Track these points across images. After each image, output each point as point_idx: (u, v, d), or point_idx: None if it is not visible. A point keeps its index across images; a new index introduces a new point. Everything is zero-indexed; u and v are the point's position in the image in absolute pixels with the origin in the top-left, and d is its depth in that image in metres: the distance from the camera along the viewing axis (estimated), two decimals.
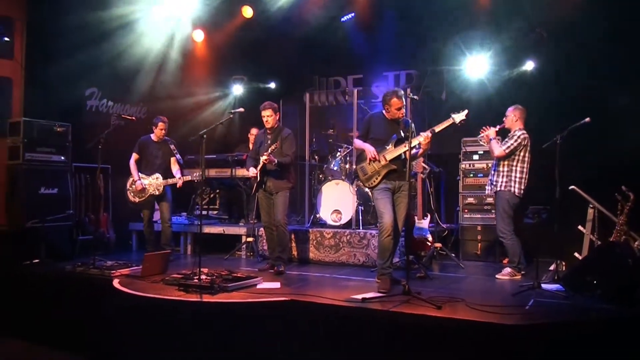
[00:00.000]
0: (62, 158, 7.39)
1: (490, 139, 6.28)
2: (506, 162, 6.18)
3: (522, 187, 6.11)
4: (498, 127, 6.32)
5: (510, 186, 6.11)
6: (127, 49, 8.34)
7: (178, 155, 7.37)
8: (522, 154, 6.15)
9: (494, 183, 6.27)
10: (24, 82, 7.44)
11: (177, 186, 7.19)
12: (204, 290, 5.12)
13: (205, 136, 5.59)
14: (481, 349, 3.95)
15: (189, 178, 7.18)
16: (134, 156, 7.30)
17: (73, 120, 7.71)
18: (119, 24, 8.07)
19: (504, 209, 6.12)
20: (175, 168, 7.35)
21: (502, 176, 6.19)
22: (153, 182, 7.16)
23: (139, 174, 7.22)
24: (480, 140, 6.73)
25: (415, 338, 4.20)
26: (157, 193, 7.16)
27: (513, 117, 6.27)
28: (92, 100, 8.36)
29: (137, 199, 7.24)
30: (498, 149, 6.16)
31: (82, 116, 8.17)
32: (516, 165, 6.14)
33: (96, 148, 6.48)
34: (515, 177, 6.12)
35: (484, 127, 6.38)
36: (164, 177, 7.18)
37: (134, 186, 7.22)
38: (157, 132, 7.29)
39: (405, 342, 4.21)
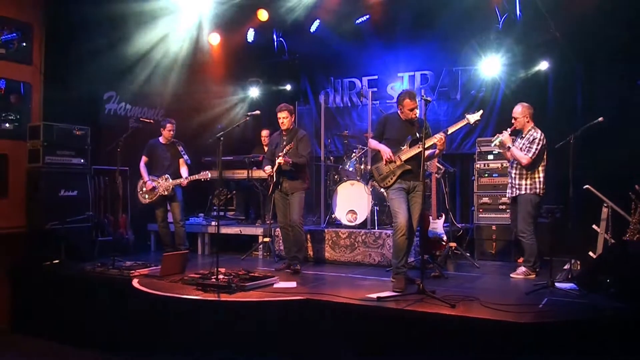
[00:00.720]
0: (82, 161, 7.53)
1: (509, 147, 6.20)
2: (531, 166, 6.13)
3: (544, 186, 6.10)
4: (509, 129, 6.29)
5: (536, 188, 6.07)
6: (145, 53, 8.47)
7: (186, 156, 7.52)
8: (545, 156, 6.14)
9: (517, 186, 6.20)
10: (43, 87, 7.57)
11: (182, 185, 7.31)
12: (222, 289, 5.20)
13: (222, 138, 5.68)
14: (495, 347, 4.00)
15: (195, 177, 7.29)
16: (144, 159, 7.51)
17: (92, 123, 7.85)
18: (136, 28, 8.21)
19: (528, 211, 6.07)
20: (183, 169, 7.49)
21: (526, 179, 6.12)
22: (162, 183, 7.30)
23: (149, 175, 7.38)
24: (495, 147, 6.69)
25: (430, 336, 4.26)
26: (166, 193, 7.31)
27: (523, 118, 6.22)
28: (111, 103, 8.50)
29: (147, 199, 7.45)
30: (524, 158, 6.05)
31: (101, 119, 8.31)
32: (539, 167, 6.11)
33: (115, 151, 6.63)
34: (539, 178, 6.09)
35: (497, 134, 6.37)
36: (173, 178, 7.31)
37: (144, 187, 7.42)
38: (165, 134, 7.48)
39: (420, 341, 4.28)
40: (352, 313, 4.64)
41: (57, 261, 6.81)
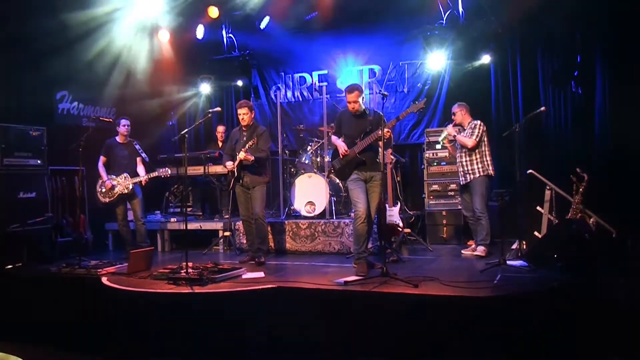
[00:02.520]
0: (39, 162, 7.48)
1: (454, 135, 6.77)
2: (477, 150, 6.65)
3: (494, 167, 6.65)
4: (452, 124, 6.94)
5: (487, 170, 6.61)
6: (96, 52, 8.47)
7: (144, 154, 7.59)
8: (485, 139, 6.70)
9: (470, 172, 6.70)
10: None
11: (142, 183, 7.38)
12: (194, 282, 5.38)
13: (187, 135, 5.82)
14: (457, 320, 4.36)
15: (155, 174, 7.38)
16: (102, 159, 7.51)
17: (45, 123, 7.79)
18: (87, 28, 8.18)
19: (482, 192, 6.61)
20: (140, 167, 7.56)
21: (477, 163, 6.65)
22: (121, 182, 7.35)
23: (108, 175, 7.43)
24: (444, 142, 7.16)
25: (397, 314, 4.58)
26: (125, 192, 7.36)
27: (461, 114, 6.89)
28: (64, 103, 8.47)
29: (107, 199, 7.44)
30: (470, 141, 6.64)
31: (55, 119, 8.27)
32: (485, 150, 6.67)
33: (77, 151, 6.65)
34: (487, 160, 6.64)
35: (443, 129, 6.86)
36: (132, 177, 7.39)
37: (103, 187, 7.43)
38: (122, 130, 7.51)
39: (388, 318, 4.58)
40: (323, 297, 4.91)
41: (19, 264, 6.78)
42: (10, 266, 6.69)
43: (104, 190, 7.42)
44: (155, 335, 5.07)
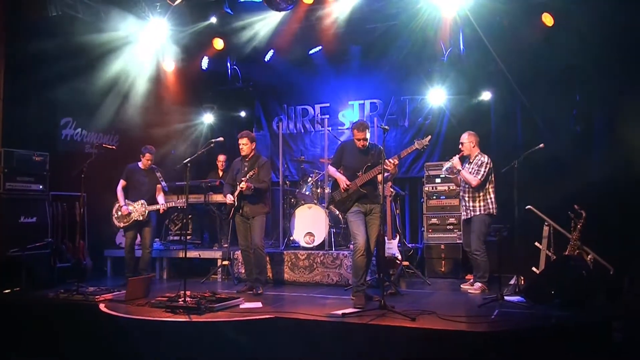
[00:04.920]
0: (41, 187, 7.52)
1: (459, 170, 6.73)
2: (480, 188, 6.63)
3: (496, 206, 6.63)
4: (458, 155, 6.83)
5: (489, 208, 6.59)
6: (100, 79, 8.59)
7: (163, 183, 7.67)
8: (491, 177, 6.69)
9: (471, 208, 6.70)
10: (2, 114, 7.56)
11: (160, 212, 7.44)
12: (191, 311, 5.39)
13: (189, 165, 5.89)
14: (454, 355, 4.37)
15: (172, 204, 7.44)
16: (122, 182, 7.58)
17: (49, 149, 7.85)
18: (93, 55, 8.34)
19: (481, 230, 6.59)
20: (160, 196, 7.64)
21: (479, 201, 6.63)
22: (138, 208, 7.40)
23: (126, 200, 7.47)
24: (446, 173, 7.15)
25: (394, 347, 4.58)
26: (141, 219, 7.41)
27: (470, 144, 6.80)
28: (67, 129, 8.55)
29: (121, 224, 7.51)
30: (474, 180, 6.59)
31: (58, 145, 8.34)
32: (489, 189, 6.66)
33: (79, 176, 6.70)
34: (491, 198, 6.63)
35: (448, 160, 6.85)
36: (149, 204, 7.43)
37: (119, 212, 7.47)
38: (144, 162, 7.58)
39: (384, 352, 4.59)
40: (320, 329, 4.91)
41: (17, 289, 6.76)
42: (8, 290, 6.69)
43: (119, 214, 7.46)
44: None
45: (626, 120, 6.89)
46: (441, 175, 8.19)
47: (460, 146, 6.88)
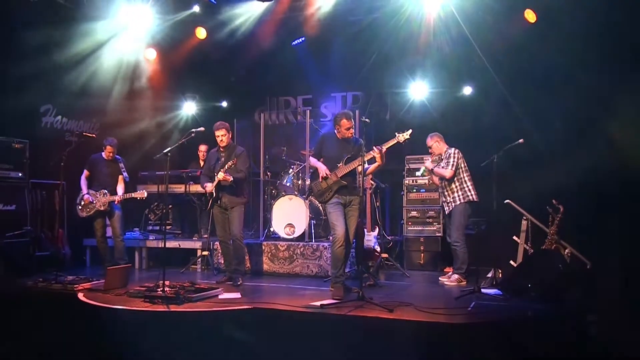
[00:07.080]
0: (20, 174, 7.46)
1: (432, 169, 6.93)
2: (455, 178, 6.78)
3: (476, 192, 6.74)
4: (430, 158, 7.09)
5: (468, 196, 6.72)
6: (81, 66, 8.50)
7: (125, 174, 7.60)
8: (463, 165, 6.83)
9: (450, 201, 6.81)
10: None
11: (115, 202, 7.36)
12: (170, 301, 5.37)
13: (169, 154, 5.86)
14: (430, 346, 4.41)
15: (130, 195, 7.38)
16: (85, 173, 7.51)
17: (29, 136, 7.78)
18: (73, 42, 8.24)
19: (460, 221, 6.71)
20: (120, 186, 7.55)
21: (456, 191, 6.77)
22: (100, 198, 7.34)
23: (89, 190, 7.42)
24: (423, 174, 7.28)
25: (371, 338, 4.62)
26: (102, 209, 7.33)
27: (437, 144, 7.06)
28: (47, 116, 8.46)
29: (84, 213, 7.44)
30: (447, 171, 6.77)
31: (37, 132, 8.24)
32: (463, 177, 6.79)
33: (58, 165, 6.64)
34: (468, 186, 6.76)
35: (421, 165, 6.99)
36: (111, 194, 7.38)
37: (82, 201, 7.42)
38: (106, 153, 7.52)
39: (362, 343, 4.63)
40: (298, 319, 4.94)
41: None
42: None
43: (82, 204, 7.40)
44: (130, 353, 5.04)
45: (608, 117, 6.97)
46: (421, 170, 8.24)
47: (429, 150, 7.11)
